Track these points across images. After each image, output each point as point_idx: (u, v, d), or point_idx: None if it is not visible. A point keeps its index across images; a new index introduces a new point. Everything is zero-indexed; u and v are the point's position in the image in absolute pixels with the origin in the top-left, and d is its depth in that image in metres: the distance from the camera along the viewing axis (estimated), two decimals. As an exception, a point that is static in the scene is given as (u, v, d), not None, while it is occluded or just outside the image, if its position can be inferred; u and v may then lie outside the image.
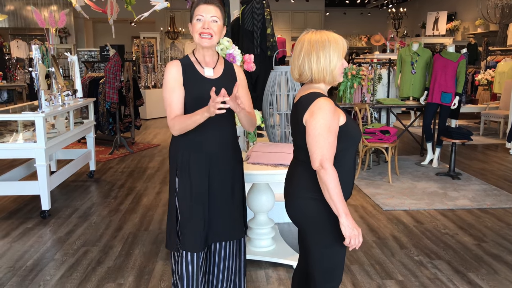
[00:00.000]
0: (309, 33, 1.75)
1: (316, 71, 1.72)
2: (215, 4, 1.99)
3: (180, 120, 1.95)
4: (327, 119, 1.63)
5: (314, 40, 1.71)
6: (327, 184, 1.62)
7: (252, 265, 3.02)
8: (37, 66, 3.83)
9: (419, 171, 5.45)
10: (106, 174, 5.41)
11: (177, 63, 2.03)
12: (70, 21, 13.98)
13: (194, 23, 1.99)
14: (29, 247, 3.35)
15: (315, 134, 1.64)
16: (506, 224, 3.76)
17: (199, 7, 1.98)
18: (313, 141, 1.64)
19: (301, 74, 1.76)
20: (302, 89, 1.80)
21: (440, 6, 12.85)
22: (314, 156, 1.64)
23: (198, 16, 1.97)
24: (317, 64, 1.71)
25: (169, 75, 2.01)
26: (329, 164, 1.63)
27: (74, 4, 4.90)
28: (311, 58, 1.71)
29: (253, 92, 4.61)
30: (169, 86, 2.00)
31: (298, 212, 1.78)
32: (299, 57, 1.75)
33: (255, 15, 4.52)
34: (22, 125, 4.28)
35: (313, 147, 1.65)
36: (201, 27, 1.96)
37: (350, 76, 5.66)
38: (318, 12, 15.62)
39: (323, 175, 1.63)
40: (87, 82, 7.02)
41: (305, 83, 1.81)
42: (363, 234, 3.57)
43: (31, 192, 3.95)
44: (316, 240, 1.77)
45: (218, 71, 2.09)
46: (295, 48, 1.78)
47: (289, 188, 1.83)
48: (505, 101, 7.59)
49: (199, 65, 2.06)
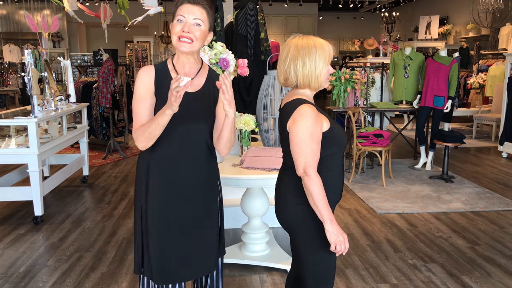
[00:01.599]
0: (296, 38, 1.74)
1: (301, 76, 1.72)
2: (201, 5, 1.74)
3: (142, 129, 1.70)
4: (309, 126, 1.64)
5: (301, 45, 1.71)
6: (311, 190, 1.63)
7: (247, 270, 3.02)
8: (29, 71, 3.81)
9: (412, 174, 5.47)
10: (100, 179, 5.38)
11: (150, 69, 1.79)
12: (63, 26, 13.94)
13: (173, 24, 1.75)
14: (22, 253, 3.32)
15: (298, 141, 1.65)
16: (499, 227, 3.78)
17: (182, 7, 1.74)
18: (296, 148, 1.65)
19: (287, 79, 1.75)
20: (287, 96, 1.80)
21: (432, 10, 12.95)
22: (298, 163, 1.66)
23: (179, 17, 1.73)
24: (302, 70, 1.71)
25: (139, 82, 1.76)
26: (312, 171, 1.64)
27: (66, 9, 4.88)
28: (297, 63, 1.70)
29: (247, 96, 4.61)
30: (138, 94, 1.76)
31: (287, 217, 1.79)
32: (285, 62, 1.74)
33: (249, 20, 4.53)
34: (14, 130, 4.25)
35: (296, 154, 1.66)
36: (180, 30, 1.72)
37: (343, 80, 5.68)
38: (311, 16, 15.68)
39: (307, 182, 1.64)
40: (80, 87, 7.00)
41: (290, 88, 1.81)
42: (357, 237, 3.57)
43: (24, 198, 3.92)
44: (305, 244, 1.77)
45: (198, 84, 1.81)
46: (281, 52, 1.77)
47: (278, 193, 1.84)
48: (497, 104, 7.65)
49: (176, 73, 1.79)
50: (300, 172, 1.66)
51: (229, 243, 3.43)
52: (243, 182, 2.68)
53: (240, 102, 4.63)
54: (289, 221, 1.79)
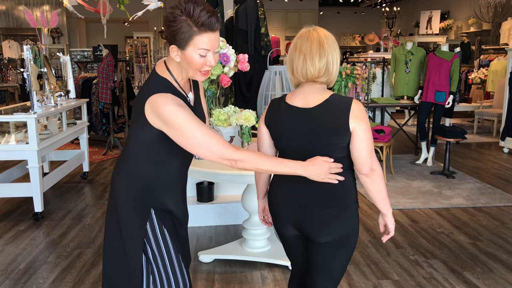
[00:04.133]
0: (316, 29, 1.63)
1: (336, 70, 1.62)
2: (219, 30, 1.51)
3: (265, 159, 1.56)
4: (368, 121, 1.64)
5: (329, 36, 1.62)
6: (382, 184, 1.65)
7: (248, 266, 3.01)
8: (28, 67, 3.78)
9: (413, 170, 5.45)
10: (100, 175, 5.37)
11: (172, 97, 1.51)
12: (63, 21, 13.88)
13: (193, 56, 1.48)
14: (22, 250, 3.31)
15: (368, 138, 1.59)
16: (501, 223, 3.77)
17: (203, 35, 1.46)
18: (369, 145, 1.59)
19: (324, 75, 1.60)
20: (311, 93, 1.63)
21: (434, 5, 12.89)
22: (368, 161, 1.61)
23: (201, 51, 1.47)
24: (337, 63, 1.62)
25: (180, 111, 1.48)
26: (377, 165, 1.64)
27: (64, 4, 4.85)
28: (334, 57, 1.61)
29: (247, 92, 4.59)
30: (192, 121, 1.49)
31: (350, 227, 1.72)
32: (320, 57, 1.58)
33: (249, 15, 4.50)
34: (14, 126, 4.23)
35: (369, 152, 1.60)
36: (204, 64, 1.50)
37: (344, 76, 5.65)
38: (312, 11, 15.61)
39: (377, 177, 1.64)
40: (80, 83, 6.97)
41: (305, 85, 1.65)
42: (359, 233, 3.56)
43: (24, 194, 3.90)
44: (350, 252, 1.74)
45: (194, 95, 1.72)
46: (305, 45, 1.60)
47: (340, 201, 1.68)
48: (498, 99, 7.62)
49: (183, 91, 1.62)
50: (367, 171, 1.62)
51: (230, 239, 3.42)
52: (244, 178, 2.66)
53: (240, 97, 4.61)
54: (350, 230, 1.69)
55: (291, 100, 1.67)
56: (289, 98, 1.69)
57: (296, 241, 1.79)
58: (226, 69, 3.38)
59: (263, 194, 1.89)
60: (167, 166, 1.64)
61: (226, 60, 3.33)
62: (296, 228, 1.72)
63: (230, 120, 3.45)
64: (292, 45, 1.66)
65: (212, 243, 3.40)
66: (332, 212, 1.64)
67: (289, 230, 1.75)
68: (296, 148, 1.65)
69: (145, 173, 1.62)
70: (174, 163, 1.66)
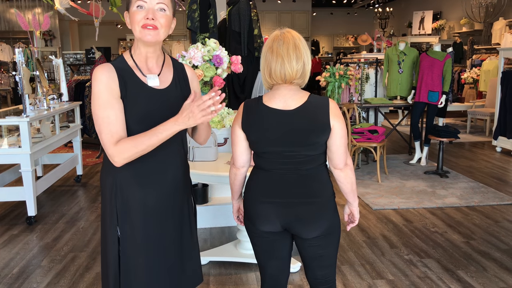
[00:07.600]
0: (290, 31, 1.66)
1: (309, 71, 1.67)
2: None
3: (132, 143, 1.45)
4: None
5: (302, 38, 1.67)
6: (353, 178, 1.74)
7: (243, 268, 3.00)
8: (20, 70, 3.76)
9: (407, 170, 5.48)
10: (94, 178, 5.34)
11: (109, 68, 1.50)
12: (55, 24, 13.82)
13: (133, 11, 1.51)
14: (15, 254, 3.29)
15: (344, 135, 1.67)
16: (494, 221, 3.80)
17: None
18: (344, 142, 1.67)
19: (300, 77, 1.64)
20: (290, 94, 1.65)
21: (426, 5, 12.96)
22: (343, 157, 1.69)
23: (139, 2, 1.49)
24: (309, 64, 1.66)
25: (100, 85, 1.47)
26: (350, 160, 1.74)
27: (55, 7, 4.83)
28: (307, 58, 1.65)
29: (241, 93, 4.59)
30: (103, 100, 1.46)
31: (332, 218, 1.77)
32: (297, 58, 1.61)
33: (242, 16, 4.50)
34: (6, 130, 4.20)
35: (344, 148, 1.68)
36: (143, 17, 1.49)
37: (337, 76, 5.67)
38: (305, 12, 15.65)
39: (349, 171, 1.72)
40: (73, 85, 6.94)
41: (282, 86, 1.66)
42: (353, 233, 3.57)
43: (17, 198, 3.88)
44: (337, 239, 1.80)
45: (166, 79, 1.61)
46: (282, 48, 1.61)
47: (319, 196, 1.70)
48: (490, 99, 7.68)
49: (139, 71, 1.56)
50: (342, 165, 1.70)
51: (224, 241, 3.42)
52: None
53: (234, 99, 4.61)
54: (333, 221, 1.74)
55: (270, 102, 1.66)
56: (268, 101, 1.66)
57: (280, 238, 1.78)
58: (220, 70, 3.38)
59: (238, 194, 1.92)
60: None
61: (219, 62, 3.34)
62: (281, 225, 1.72)
63: (224, 122, 3.46)
64: (267, 48, 1.65)
65: (207, 245, 3.40)
66: (313, 208, 1.68)
67: (272, 227, 1.72)
68: (275, 149, 1.66)
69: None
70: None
